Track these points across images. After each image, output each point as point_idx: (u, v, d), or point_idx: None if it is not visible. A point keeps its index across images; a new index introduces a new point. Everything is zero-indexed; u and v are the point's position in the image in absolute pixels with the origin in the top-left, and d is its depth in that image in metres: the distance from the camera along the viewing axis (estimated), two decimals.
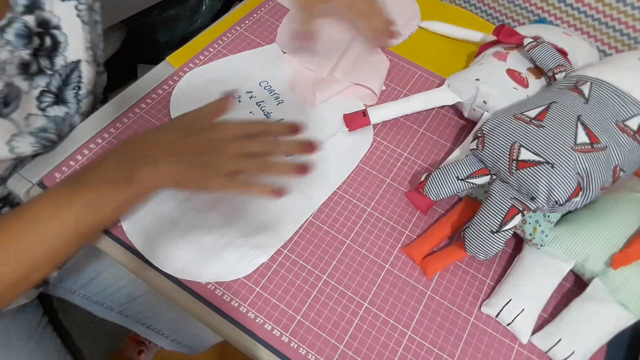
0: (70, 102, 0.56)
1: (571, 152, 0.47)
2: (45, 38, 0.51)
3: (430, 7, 0.82)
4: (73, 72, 0.55)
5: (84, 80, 0.57)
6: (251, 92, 0.64)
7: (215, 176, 0.42)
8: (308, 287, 0.50)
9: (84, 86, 0.57)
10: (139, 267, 0.50)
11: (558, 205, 0.47)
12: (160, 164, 0.40)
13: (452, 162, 0.54)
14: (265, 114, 0.62)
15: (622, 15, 0.72)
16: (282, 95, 0.64)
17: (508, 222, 0.47)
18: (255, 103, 0.63)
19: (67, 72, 0.55)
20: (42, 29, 0.51)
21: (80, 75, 0.56)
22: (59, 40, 0.53)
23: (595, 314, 0.47)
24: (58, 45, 0.53)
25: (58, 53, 0.53)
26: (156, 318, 0.74)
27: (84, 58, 0.56)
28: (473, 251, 0.50)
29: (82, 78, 0.57)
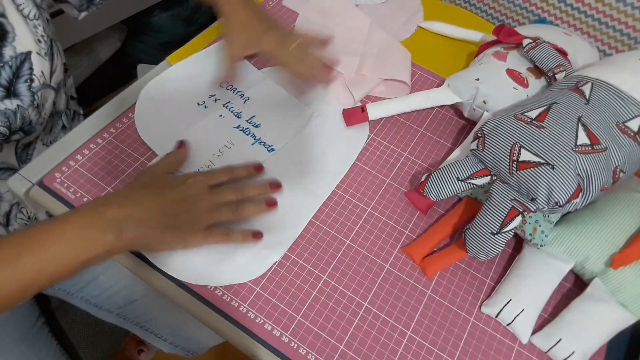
0: (24, 95, 0.53)
1: (571, 153, 0.47)
2: None
3: (430, 7, 0.82)
4: (24, 64, 0.52)
5: (36, 73, 0.54)
6: (214, 95, 0.63)
7: (193, 234, 0.46)
8: (308, 287, 0.50)
9: (37, 78, 0.54)
10: (138, 267, 0.50)
11: (558, 207, 0.47)
12: (139, 230, 0.43)
13: (452, 162, 0.54)
14: (235, 114, 0.61)
15: (622, 15, 0.72)
16: (246, 91, 0.64)
17: (508, 223, 0.47)
18: (222, 105, 0.62)
19: (18, 64, 0.52)
20: None
21: (32, 67, 0.53)
22: (6, 30, 0.50)
23: (595, 314, 0.47)
24: (6, 35, 0.50)
25: (7, 43, 0.50)
26: (154, 321, 0.74)
27: (35, 49, 0.53)
28: (474, 252, 0.50)
29: (33, 70, 0.53)
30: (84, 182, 0.54)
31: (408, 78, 0.68)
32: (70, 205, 0.53)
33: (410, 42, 0.76)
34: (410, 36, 0.77)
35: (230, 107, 0.62)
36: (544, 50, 0.59)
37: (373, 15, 0.77)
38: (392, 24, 0.78)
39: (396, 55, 0.72)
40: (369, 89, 0.67)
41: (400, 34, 0.77)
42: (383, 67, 0.69)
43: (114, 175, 0.55)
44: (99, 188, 0.54)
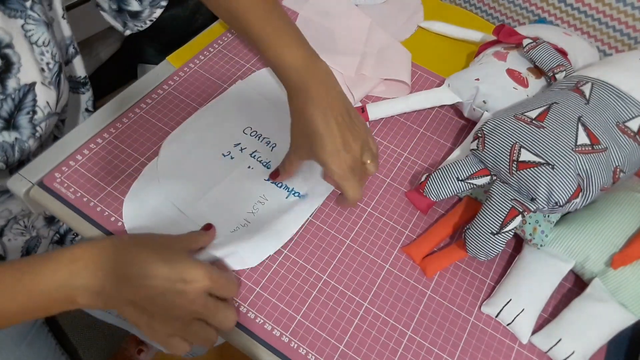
0: (24, 127, 0.51)
1: (571, 153, 0.47)
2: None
3: (430, 7, 0.82)
4: (27, 96, 0.50)
5: (40, 104, 0.51)
6: (239, 143, 0.58)
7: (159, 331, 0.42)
8: (308, 287, 0.50)
9: (41, 110, 0.51)
10: None
11: (558, 207, 0.47)
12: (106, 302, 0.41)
13: (452, 162, 0.54)
14: (264, 164, 0.57)
15: (622, 15, 0.72)
16: (271, 137, 0.60)
17: (508, 223, 0.47)
18: (249, 155, 0.58)
19: (20, 96, 0.49)
20: None
21: (35, 98, 0.50)
22: (12, 61, 0.47)
23: (595, 314, 0.47)
24: (11, 67, 0.47)
25: (11, 75, 0.48)
26: None
27: (39, 80, 0.50)
28: (474, 252, 0.50)
29: (37, 102, 0.51)
30: (84, 182, 0.54)
31: (408, 78, 0.68)
32: (70, 205, 0.53)
33: (410, 42, 0.76)
34: (410, 36, 0.77)
35: (257, 157, 0.57)
36: (544, 50, 0.59)
37: (373, 15, 0.77)
38: (392, 24, 0.78)
39: (396, 55, 0.72)
40: (369, 89, 0.67)
41: (400, 34, 0.77)
42: (383, 67, 0.69)
43: (114, 175, 0.55)
44: (99, 188, 0.54)
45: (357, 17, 0.76)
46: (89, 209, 0.53)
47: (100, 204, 0.53)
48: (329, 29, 0.75)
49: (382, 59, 0.71)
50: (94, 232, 0.51)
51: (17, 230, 0.60)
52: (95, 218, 0.52)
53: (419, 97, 0.63)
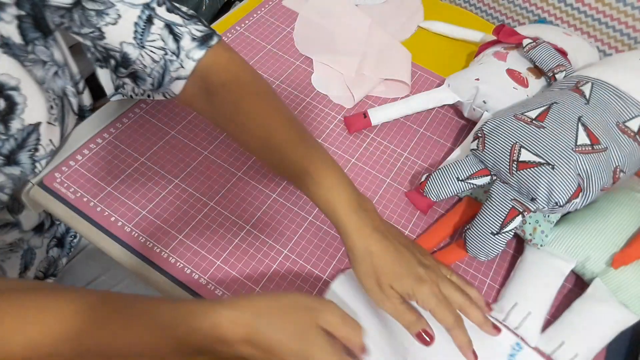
0: (24, 163, 0.50)
1: (572, 153, 0.47)
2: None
3: (430, 7, 0.82)
4: (30, 136, 0.49)
5: (43, 143, 0.51)
6: None
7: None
8: (308, 288, 0.50)
9: (43, 148, 0.51)
10: (138, 266, 0.50)
11: (558, 207, 0.47)
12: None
13: (452, 162, 0.54)
14: None
15: (622, 15, 0.72)
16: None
17: (508, 223, 0.47)
18: None
19: (24, 136, 0.48)
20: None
21: (39, 138, 0.50)
22: (15, 102, 0.46)
23: (597, 315, 0.47)
24: (14, 108, 0.46)
25: (15, 116, 0.47)
26: None
27: (45, 119, 0.50)
28: (474, 252, 0.50)
29: (40, 141, 0.50)
30: (84, 182, 0.54)
31: (408, 78, 0.68)
32: (70, 205, 0.53)
33: (410, 42, 0.76)
34: (410, 36, 0.77)
35: None
36: (544, 50, 0.59)
37: (373, 15, 0.77)
38: (392, 24, 0.78)
39: (396, 55, 0.72)
40: (369, 89, 0.67)
41: (400, 34, 0.77)
42: (383, 67, 0.69)
43: (114, 175, 0.55)
44: (99, 188, 0.54)
45: (357, 17, 0.76)
46: (89, 209, 0.53)
47: (100, 204, 0.53)
48: (329, 29, 0.75)
49: (382, 59, 0.71)
50: (94, 232, 0.51)
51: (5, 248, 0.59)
52: (95, 218, 0.52)
53: (419, 98, 0.63)
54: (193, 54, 0.50)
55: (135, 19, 0.48)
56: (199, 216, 0.54)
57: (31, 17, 0.47)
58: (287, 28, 0.75)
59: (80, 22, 0.47)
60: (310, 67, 0.70)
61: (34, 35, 0.48)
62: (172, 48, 0.49)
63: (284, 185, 0.57)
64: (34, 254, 0.61)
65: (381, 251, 0.42)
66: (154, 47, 0.49)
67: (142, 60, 0.50)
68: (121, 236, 0.51)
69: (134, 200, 0.54)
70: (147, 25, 0.48)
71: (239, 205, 0.55)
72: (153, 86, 0.52)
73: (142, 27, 0.48)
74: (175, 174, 0.57)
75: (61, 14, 0.47)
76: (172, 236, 0.52)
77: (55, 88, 0.52)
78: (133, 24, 0.48)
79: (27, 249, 0.60)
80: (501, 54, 0.63)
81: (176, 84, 0.51)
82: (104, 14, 0.47)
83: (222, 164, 0.58)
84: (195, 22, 0.51)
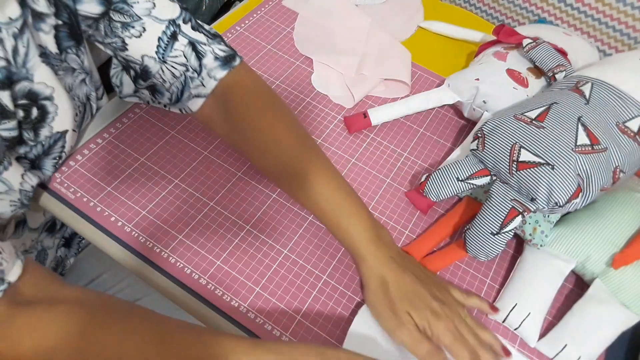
0: (46, 169, 0.51)
1: (571, 153, 0.47)
2: (32, 110, 0.45)
3: (430, 7, 0.82)
4: (57, 143, 0.50)
5: (66, 150, 0.52)
6: None
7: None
8: (308, 287, 0.50)
9: (65, 154, 0.52)
10: (138, 266, 0.50)
11: (558, 207, 0.47)
12: None
13: (452, 162, 0.54)
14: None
15: (622, 15, 0.72)
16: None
17: (508, 223, 0.47)
18: None
19: (50, 143, 0.49)
20: (28, 100, 0.45)
21: (64, 145, 0.51)
22: (47, 111, 0.47)
23: (598, 316, 0.47)
24: (46, 116, 0.47)
25: (45, 124, 0.47)
26: None
27: (71, 127, 0.51)
28: (474, 253, 0.50)
29: (65, 148, 0.52)
30: (84, 182, 0.54)
31: (408, 78, 0.68)
32: (70, 205, 0.53)
33: (410, 42, 0.76)
34: (410, 36, 0.77)
35: None
36: (544, 50, 0.59)
37: (373, 15, 0.77)
38: (392, 24, 0.78)
39: (396, 55, 0.72)
40: (369, 89, 0.67)
41: (400, 34, 0.77)
42: (383, 67, 0.69)
43: (114, 175, 0.55)
44: (99, 188, 0.54)
45: (357, 17, 0.76)
46: (89, 209, 0.53)
47: (100, 204, 0.53)
48: (329, 29, 0.75)
49: (382, 59, 0.71)
50: (94, 232, 0.51)
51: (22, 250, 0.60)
52: (95, 218, 0.52)
53: (419, 98, 0.63)
54: (215, 73, 0.50)
55: (160, 34, 0.48)
56: (199, 216, 0.54)
57: (67, 25, 0.47)
58: (287, 28, 0.75)
59: (105, 33, 0.47)
60: (310, 67, 0.70)
61: (67, 44, 0.48)
62: (194, 65, 0.49)
63: None
64: (46, 254, 0.62)
65: (397, 280, 0.43)
66: (176, 62, 0.49)
67: (162, 74, 0.50)
68: (121, 236, 0.51)
69: (134, 200, 0.54)
70: (171, 41, 0.48)
71: (239, 205, 0.55)
72: (170, 101, 0.53)
73: (166, 43, 0.48)
74: (175, 174, 0.57)
75: (88, 23, 0.47)
76: (172, 236, 0.52)
77: (80, 95, 0.53)
78: (157, 39, 0.48)
79: (40, 250, 0.60)
80: (501, 54, 0.63)
81: (195, 101, 0.51)
82: (129, 26, 0.47)
83: (222, 164, 0.58)
84: (218, 41, 0.51)
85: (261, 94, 0.52)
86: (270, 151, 0.49)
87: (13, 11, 0.41)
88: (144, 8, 0.47)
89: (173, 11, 0.49)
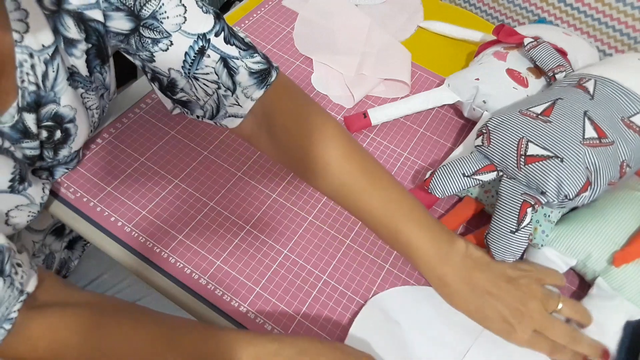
0: (57, 177, 0.54)
1: (580, 146, 0.47)
2: (56, 132, 0.46)
3: (430, 7, 0.82)
4: (72, 161, 0.53)
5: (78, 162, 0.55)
6: None
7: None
8: (308, 287, 0.50)
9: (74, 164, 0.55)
10: (138, 266, 0.50)
11: (568, 200, 0.46)
12: None
13: (457, 159, 0.54)
14: None
15: (622, 15, 0.72)
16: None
17: (524, 218, 0.47)
18: None
19: (67, 161, 0.52)
20: (54, 122, 0.46)
21: (79, 160, 0.55)
22: (70, 134, 0.48)
23: (602, 315, 0.46)
24: (68, 139, 0.49)
25: (66, 146, 0.49)
26: None
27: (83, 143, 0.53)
28: (501, 255, 0.48)
29: (79, 163, 0.55)
30: (84, 182, 0.54)
31: (408, 78, 0.68)
32: (70, 205, 0.53)
33: (410, 42, 0.76)
34: (410, 36, 0.77)
35: None
36: (545, 49, 0.59)
37: (373, 15, 0.77)
38: (392, 24, 0.78)
39: (396, 55, 0.72)
40: (369, 89, 0.67)
41: (400, 34, 0.77)
42: (383, 67, 0.69)
43: (114, 175, 0.55)
44: (99, 188, 0.54)
45: (357, 17, 0.76)
46: (89, 209, 0.53)
47: (100, 204, 0.53)
48: (329, 29, 0.75)
49: (382, 59, 0.71)
50: (94, 232, 0.51)
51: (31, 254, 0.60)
52: (95, 218, 0.52)
53: (419, 98, 0.63)
54: (252, 92, 0.48)
55: (187, 49, 0.46)
56: (199, 216, 0.54)
57: (96, 47, 0.47)
58: (287, 28, 0.75)
59: (137, 47, 0.47)
60: (310, 67, 0.70)
61: (95, 64, 0.48)
62: (226, 83, 0.48)
63: (284, 185, 0.57)
64: (54, 258, 0.62)
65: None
66: (207, 80, 0.48)
67: (193, 91, 0.49)
68: (121, 236, 0.51)
69: (134, 200, 0.54)
70: (198, 56, 0.46)
71: (239, 205, 0.55)
72: (205, 117, 0.52)
73: (192, 58, 0.47)
74: (175, 174, 0.57)
75: (119, 39, 0.47)
76: (172, 236, 0.52)
77: (99, 111, 0.53)
78: (183, 54, 0.46)
79: (48, 254, 0.61)
80: (501, 53, 0.63)
81: (232, 121, 0.50)
82: (158, 42, 0.46)
83: (222, 164, 0.58)
84: (251, 53, 0.48)
85: (303, 111, 0.49)
86: (322, 176, 0.48)
87: (46, 39, 0.42)
88: (174, 23, 0.45)
89: (205, 24, 0.46)
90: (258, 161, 0.59)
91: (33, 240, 0.57)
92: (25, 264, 0.40)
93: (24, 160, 0.45)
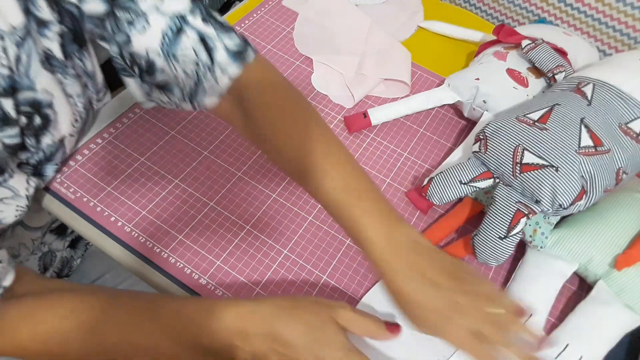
0: (47, 175, 0.52)
1: (575, 155, 0.47)
2: (35, 117, 0.45)
3: (430, 7, 0.82)
4: (58, 150, 0.51)
5: (67, 154, 0.54)
6: None
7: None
8: (308, 287, 0.50)
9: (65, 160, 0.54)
10: (138, 266, 0.50)
11: (562, 209, 0.47)
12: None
13: (454, 165, 0.54)
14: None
15: (622, 15, 0.72)
16: None
17: (515, 226, 0.47)
18: None
19: (52, 151, 0.50)
20: (32, 108, 0.45)
21: (65, 151, 0.52)
22: (50, 119, 0.47)
23: (601, 317, 0.46)
24: (48, 124, 0.47)
25: (47, 132, 0.48)
26: None
27: (68, 132, 0.51)
28: (484, 258, 0.49)
29: (65, 154, 0.53)
30: (84, 182, 0.54)
31: (408, 78, 0.68)
32: (70, 205, 0.53)
33: (410, 42, 0.76)
34: (410, 36, 0.77)
35: None
36: (543, 51, 0.59)
37: (373, 15, 0.77)
38: (392, 24, 0.78)
39: (396, 55, 0.72)
40: (369, 89, 0.67)
41: (400, 34, 0.77)
42: (383, 67, 0.69)
43: (114, 175, 0.55)
44: (99, 188, 0.54)
45: (357, 17, 0.76)
46: (89, 209, 0.53)
47: (100, 204, 0.53)
48: (329, 29, 0.75)
49: (382, 59, 0.71)
50: (94, 232, 0.51)
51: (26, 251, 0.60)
52: (95, 218, 0.52)
53: (419, 98, 0.63)
54: (228, 69, 0.47)
55: (164, 28, 0.46)
56: (199, 216, 0.54)
57: (71, 31, 0.46)
58: (287, 28, 0.75)
59: (112, 30, 0.46)
60: (310, 67, 0.70)
61: (72, 49, 0.48)
62: (205, 61, 0.47)
63: (284, 185, 0.57)
64: (54, 256, 0.62)
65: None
66: (186, 60, 0.47)
67: (173, 71, 0.48)
68: (121, 236, 0.51)
69: (134, 200, 0.54)
70: (177, 36, 0.46)
71: (239, 205, 0.55)
72: (183, 98, 0.51)
73: (170, 38, 0.46)
74: (175, 174, 0.57)
75: (95, 22, 0.46)
76: (172, 236, 0.52)
77: (83, 100, 0.52)
78: (161, 33, 0.46)
79: (47, 252, 0.60)
80: (501, 53, 0.63)
81: (210, 100, 0.50)
82: (135, 22, 0.45)
83: (222, 164, 0.58)
84: (229, 33, 0.48)
85: (278, 91, 0.49)
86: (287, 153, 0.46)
87: (16, 19, 0.41)
88: (150, 4, 0.45)
89: (181, 3, 0.46)
90: (258, 161, 0.59)
91: (32, 238, 0.57)
92: (4, 260, 0.41)
93: (4, 150, 0.44)
